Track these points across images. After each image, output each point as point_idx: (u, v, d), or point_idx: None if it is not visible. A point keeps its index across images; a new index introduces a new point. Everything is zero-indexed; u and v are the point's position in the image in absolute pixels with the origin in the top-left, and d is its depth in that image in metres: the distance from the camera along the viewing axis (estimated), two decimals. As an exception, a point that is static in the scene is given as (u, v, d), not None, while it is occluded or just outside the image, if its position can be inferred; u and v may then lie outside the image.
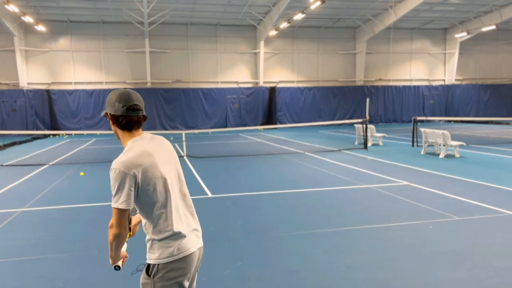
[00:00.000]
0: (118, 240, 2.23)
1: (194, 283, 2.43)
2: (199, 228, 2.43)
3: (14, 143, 18.60)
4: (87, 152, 15.87)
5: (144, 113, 2.32)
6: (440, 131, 12.88)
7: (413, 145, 15.68)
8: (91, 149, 17.15)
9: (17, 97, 24.43)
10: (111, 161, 2.24)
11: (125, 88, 2.38)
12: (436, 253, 4.78)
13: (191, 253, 2.25)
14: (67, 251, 5.06)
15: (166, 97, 27.36)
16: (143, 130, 2.42)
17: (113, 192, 2.22)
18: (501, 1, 25.31)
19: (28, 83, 26.04)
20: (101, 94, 26.54)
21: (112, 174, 2.22)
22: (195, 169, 11.05)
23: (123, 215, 2.18)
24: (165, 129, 26.66)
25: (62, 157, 14.16)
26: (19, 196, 8.21)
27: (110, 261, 2.34)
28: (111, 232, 2.21)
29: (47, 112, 25.68)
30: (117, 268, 2.40)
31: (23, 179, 10.14)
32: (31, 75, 26.39)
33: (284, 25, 25.34)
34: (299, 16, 23.24)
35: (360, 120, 16.24)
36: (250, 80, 29.83)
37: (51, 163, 12.70)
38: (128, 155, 2.20)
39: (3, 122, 23.91)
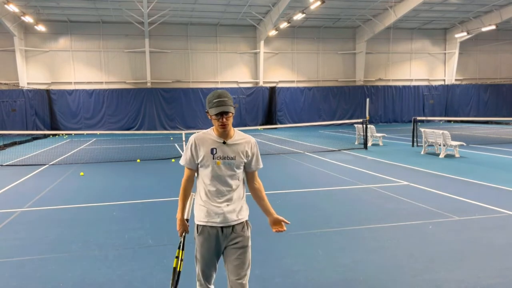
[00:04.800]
0: None
1: None
2: None
3: (14, 143, 18.60)
4: (87, 152, 15.87)
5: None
6: (440, 131, 12.87)
7: (413, 145, 15.68)
8: (91, 149, 17.14)
9: (17, 97, 24.42)
10: (111, 161, 2.25)
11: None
12: (436, 253, 4.77)
13: None
14: (67, 251, 5.06)
15: (166, 97, 27.35)
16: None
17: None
18: (501, 1, 25.31)
19: (28, 83, 26.04)
20: (101, 94, 26.55)
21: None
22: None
23: None
24: (165, 129, 26.66)
25: (62, 157, 14.16)
26: (19, 196, 8.20)
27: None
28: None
29: (47, 112, 25.69)
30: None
31: (23, 179, 10.14)
32: (31, 75, 26.40)
33: (284, 25, 25.35)
34: (299, 16, 23.24)
35: (360, 120, 16.24)
36: (250, 80, 29.84)
37: (51, 163, 12.70)
38: None
39: (3, 122, 23.90)
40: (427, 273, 4.26)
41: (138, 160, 13.08)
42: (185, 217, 2.90)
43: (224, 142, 2.79)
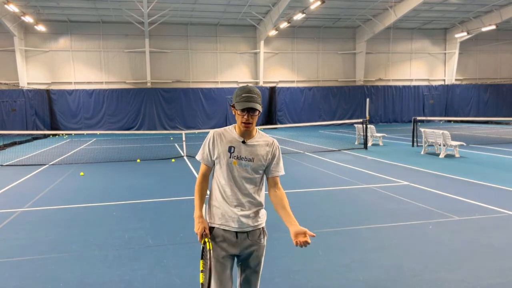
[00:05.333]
0: None
1: None
2: None
3: (14, 143, 18.59)
4: (87, 152, 15.87)
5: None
6: (440, 131, 12.87)
7: (413, 145, 15.68)
8: (91, 149, 17.14)
9: (17, 97, 24.42)
10: (111, 161, 2.25)
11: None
12: (436, 253, 4.77)
13: None
14: (67, 251, 5.06)
15: (166, 97, 27.35)
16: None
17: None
18: (501, 1, 25.31)
19: (28, 83, 26.04)
20: (101, 94, 26.55)
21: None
22: (195, 169, 11.04)
23: None
24: (165, 129, 26.66)
25: (62, 157, 14.16)
26: (19, 196, 8.20)
27: None
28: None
29: (47, 112, 25.68)
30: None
31: (23, 179, 10.14)
32: (31, 75, 26.40)
33: (284, 25, 25.35)
34: (299, 16, 23.24)
35: (360, 120, 16.24)
36: (250, 80, 29.82)
37: (51, 163, 12.69)
38: None
39: (3, 122, 23.90)
40: (427, 273, 4.26)
41: (138, 160, 13.07)
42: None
43: (243, 142, 2.61)
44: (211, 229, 2.63)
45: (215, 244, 2.59)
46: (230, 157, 2.59)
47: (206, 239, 2.55)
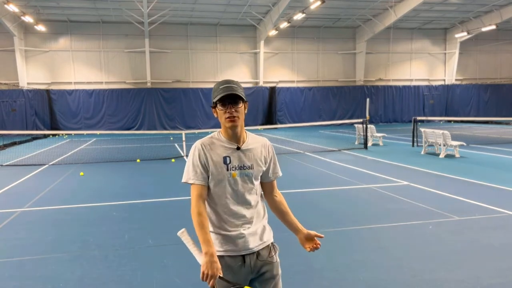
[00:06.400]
0: None
1: None
2: None
3: (14, 143, 18.59)
4: (87, 152, 15.87)
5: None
6: (440, 131, 12.87)
7: (413, 145, 15.67)
8: (91, 149, 17.14)
9: (17, 97, 24.43)
10: (111, 161, 2.26)
11: None
12: (436, 253, 4.77)
13: None
14: (67, 251, 5.06)
15: (166, 97, 27.35)
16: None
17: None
18: (501, 1, 25.31)
19: (28, 83, 26.04)
20: (101, 94, 26.56)
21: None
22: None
23: None
24: (165, 129, 26.65)
25: (62, 157, 14.16)
26: (19, 196, 8.20)
27: None
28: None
29: (47, 112, 25.69)
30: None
31: (23, 179, 10.13)
32: (31, 75, 26.40)
33: (284, 25, 25.35)
34: (299, 16, 23.24)
35: (360, 120, 16.23)
36: (250, 80, 29.83)
37: (51, 163, 12.69)
38: None
39: (3, 122, 23.91)
40: (427, 273, 4.26)
41: (138, 160, 13.07)
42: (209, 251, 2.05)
43: (238, 148, 2.23)
44: None
45: (221, 279, 2.10)
46: (227, 169, 2.19)
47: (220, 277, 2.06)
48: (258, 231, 2.28)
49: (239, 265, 2.21)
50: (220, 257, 2.15)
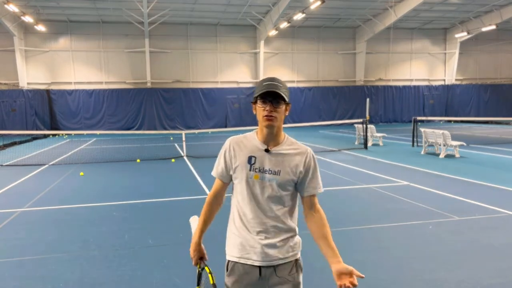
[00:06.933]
0: None
1: None
2: None
3: (14, 143, 18.58)
4: (87, 152, 15.87)
5: None
6: (440, 131, 12.87)
7: (413, 145, 15.67)
8: (91, 149, 17.14)
9: (17, 97, 24.43)
10: (111, 161, 2.26)
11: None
12: (436, 253, 4.77)
13: None
14: (67, 251, 5.06)
15: (166, 97, 27.35)
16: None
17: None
18: (501, 1, 25.30)
19: (28, 83, 26.03)
20: (101, 94, 26.56)
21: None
22: (195, 169, 11.04)
23: None
24: (165, 129, 26.65)
25: (62, 157, 14.15)
26: (19, 196, 8.20)
27: None
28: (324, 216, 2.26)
29: (47, 112, 25.68)
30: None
31: (23, 179, 10.13)
32: (31, 75, 26.39)
33: (284, 25, 25.34)
34: (299, 16, 23.24)
35: (360, 120, 16.23)
36: (250, 80, 29.84)
37: (51, 163, 12.69)
38: None
39: (3, 122, 23.90)
40: (427, 273, 4.26)
41: (138, 160, 13.07)
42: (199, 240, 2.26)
43: (267, 150, 2.10)
44: (229, 263, 2.17)
45: (234, 284, 2.11)
46: (250, 170, 2.09)
47: (206, 267, 2.21)
48: (278, 244, 2.12)
49: (255, 277, 2.10)
50: (235, 263, 2.13)
